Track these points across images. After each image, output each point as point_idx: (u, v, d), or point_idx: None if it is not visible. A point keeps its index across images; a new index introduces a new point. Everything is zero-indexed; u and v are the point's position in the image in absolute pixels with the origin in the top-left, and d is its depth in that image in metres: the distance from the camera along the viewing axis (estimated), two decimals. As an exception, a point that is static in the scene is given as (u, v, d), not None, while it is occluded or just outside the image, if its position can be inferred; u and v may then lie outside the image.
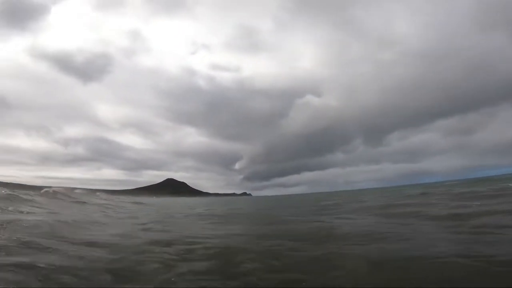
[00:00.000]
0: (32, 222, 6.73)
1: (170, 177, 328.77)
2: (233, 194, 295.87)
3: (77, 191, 27.33)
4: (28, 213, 9.10)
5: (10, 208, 9.34)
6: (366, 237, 5.83)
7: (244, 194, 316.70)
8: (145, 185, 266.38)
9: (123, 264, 4.12)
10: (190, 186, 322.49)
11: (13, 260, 3.70)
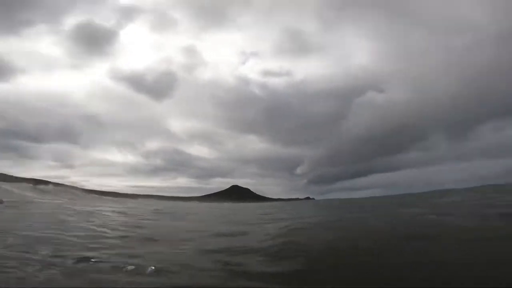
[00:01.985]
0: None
1: (235, 184, 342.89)
2: (297, 199, 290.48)
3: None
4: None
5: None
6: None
7: (308, 198, 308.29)
8: (213, 192, 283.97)
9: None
10: (254, 192, 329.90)
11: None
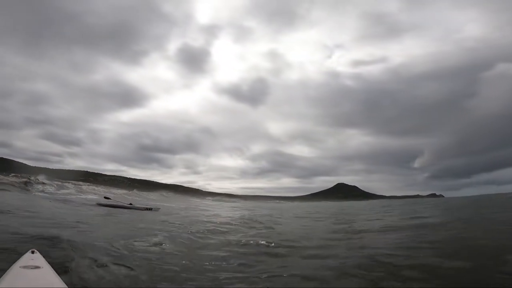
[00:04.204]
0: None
1: (340, 182, 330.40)
2: (417, 196, 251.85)
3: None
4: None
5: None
6: None
7: (433, 195, 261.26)
8: (317, 191, 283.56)
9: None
10: (362, 189, 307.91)
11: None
